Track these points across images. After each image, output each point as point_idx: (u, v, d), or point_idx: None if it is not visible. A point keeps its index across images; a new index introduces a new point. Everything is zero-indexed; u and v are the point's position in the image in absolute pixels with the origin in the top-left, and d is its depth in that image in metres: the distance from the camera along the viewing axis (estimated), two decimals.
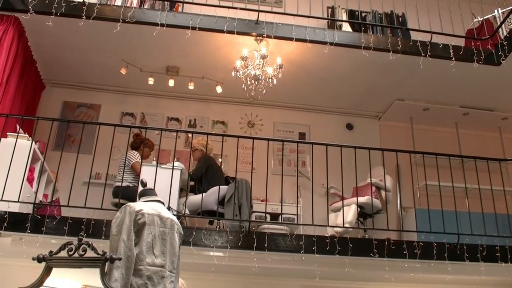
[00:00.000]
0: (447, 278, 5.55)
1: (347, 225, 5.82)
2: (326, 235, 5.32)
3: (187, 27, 5.86)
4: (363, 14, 7.54)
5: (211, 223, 6.03)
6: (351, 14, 7.52)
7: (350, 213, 6.05)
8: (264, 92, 6.34)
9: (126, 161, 5.99)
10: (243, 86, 6.30)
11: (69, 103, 7.87)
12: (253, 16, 6.09)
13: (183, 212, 5.47)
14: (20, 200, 4.86)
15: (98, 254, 2.67)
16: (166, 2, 6.39)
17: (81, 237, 2.74)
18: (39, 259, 2.72)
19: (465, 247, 5.34)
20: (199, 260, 5.01)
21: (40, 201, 5.49)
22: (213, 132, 7.76)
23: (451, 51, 6.24)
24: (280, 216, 5.87)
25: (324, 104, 8.26)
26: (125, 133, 6.07)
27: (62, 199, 5.79)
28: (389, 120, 8.39)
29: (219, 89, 7.58)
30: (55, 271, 2.80)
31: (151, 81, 7.42)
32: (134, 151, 6.22)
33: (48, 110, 7.56)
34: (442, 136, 8.32)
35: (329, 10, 7.47)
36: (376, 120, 8.50)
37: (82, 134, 5.73)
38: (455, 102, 7.83)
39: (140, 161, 5.85)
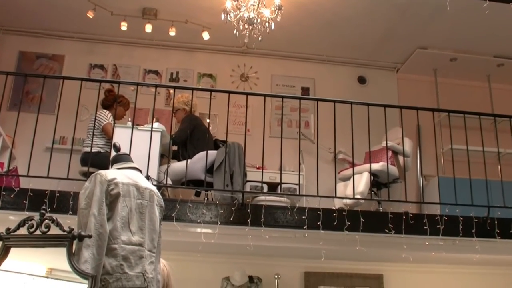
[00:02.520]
0: (474, 257, 5.63)
1: (358, 196, 5.86)
2: (333, 208, 5.36)
3: None
4: None
5: (197, 194, 6.06)
6: None
7: (362, 182, 6.08)
8: (260, 39, 6.27)
9: (96, 123, 5.96)
10: (234, 31, 6.22)
11: (26, 54, 7.79)
12: None
13: (165, 182, 5.48)
14: None
15: (64, 231, 2.66)
16: None
17: (43, 212, 2.73)
18: None
19: (496, 222, 5.39)
20: (184, 238, 5.05)
21: None
22: (199, 87, 7.72)
23: None
24: (279, 186, 5.90)
25: (331, 54, 8.22)
26: (94, 89, 6.03)
27: (20, 168, 5.78)
28: (409, 72, 8.37)
29: (206, 36, 7.51)
30: (14, 252, 2.81)
31: (124, 26, 7.33)
32: (105, 110, 6.18)
33: (1, 63, 7.49)
34: (471, 92, 8.33)
35: None
36: (394, 73, 8.48)
37: (43, 90, 5.68)
38: (488, 51, 7.80)
39: (112, 122, 5.82)
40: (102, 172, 2.93)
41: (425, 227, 5.22)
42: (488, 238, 5.35)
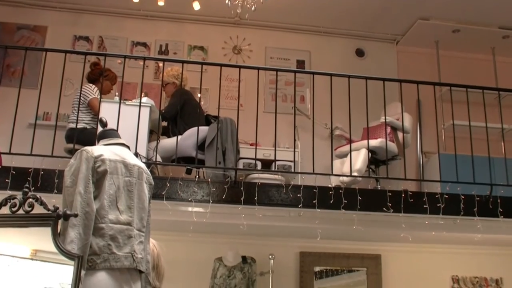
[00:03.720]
0: (476, 237, 5.68)
1: (355, 174, 5.88)
2: (330, 185, 5.37)
3: None
4: None
5: (188, 172, 6.06)
6: None
7: (360, 159, 6.09)
8: (253, 9, 6.23)
9: (82, 97, 5.94)
10: (226, 1, 6.18)
11: (6, 25, 7.72)
12: None
13: (154, 159, 5.48)
14: None
15: (48, 210, 2.65)
16: None
17: (26, 190, 2.73)
18: None
19: (499, 200, 5.43)
20: (174, 217, 5.06)
21: None
22: (190, 59, 7.68)
23: None
24: (274, 163, 5.90)
25: (328, 25, 8.18)
26: (79, 62, 5.99)
27: (2, 146, 5.75)
28: (410, 44, 8.35)
29: (196, 6, 7.45)
30: None
31: None
32: (91, 84, 6.15)
33: None
34: (474, 65, 8.32)
35: None
36: (393, 45, 8.46)
37: (25, 63, 5.63)
38: (493, 22, 7.78)
39: (99, 97, 5.80)
40: (88, 148, 2.91)
41: (425, 206, 5.24)
42: (491, 217, 5.39)
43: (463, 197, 5.33)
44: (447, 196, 5.33)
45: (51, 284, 2.81)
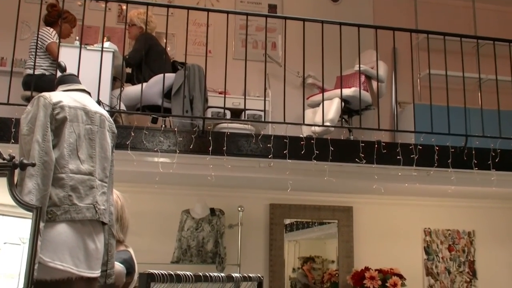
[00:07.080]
0: (449, 189, 5.78)
1: (327, 124, 5.90)
2: (301, 135, 5.39)
3: None
4: None
5: (154, 121, 6.03)
6: None
7: (332, 108, 6.11)
8: None
9: (39, 42, 5.83)
10: None
11: None
12: None
13: (118, 108, 5.42)
14: None
15: (3, 159, 2.62)
16: None
17: None
18: None
19: (473, 152, 5.51)
20: (139, 168, 5.06)
21: None
22: (155, 2, 7.52)
23: None
24: (243, 112, 5.89)
25: None
26: (35, 3, 5.83)
27: None
28: None
29: None
30: None
31: None
32: (49, 28, 6.04)
33: None
34: (453, 12, 8.32)
35: None
36: None
37: None
38: None
39: (57, 41, 5.69)
40: (46, 94, 2.85)
41: (398, 157, 5.31)
42: (465, 169, 5.49)
43: (437, 148, 5.41)
44: (421, 147, 5.40)
45: (11, 239, 2.78)
